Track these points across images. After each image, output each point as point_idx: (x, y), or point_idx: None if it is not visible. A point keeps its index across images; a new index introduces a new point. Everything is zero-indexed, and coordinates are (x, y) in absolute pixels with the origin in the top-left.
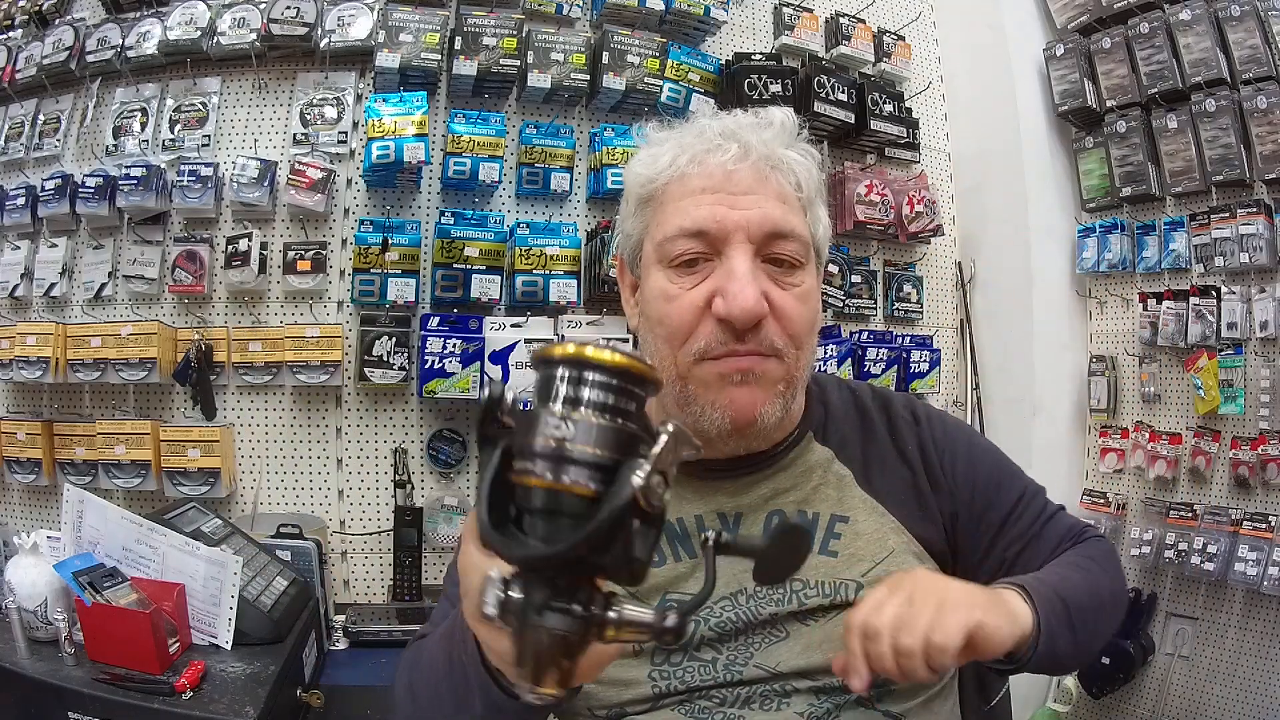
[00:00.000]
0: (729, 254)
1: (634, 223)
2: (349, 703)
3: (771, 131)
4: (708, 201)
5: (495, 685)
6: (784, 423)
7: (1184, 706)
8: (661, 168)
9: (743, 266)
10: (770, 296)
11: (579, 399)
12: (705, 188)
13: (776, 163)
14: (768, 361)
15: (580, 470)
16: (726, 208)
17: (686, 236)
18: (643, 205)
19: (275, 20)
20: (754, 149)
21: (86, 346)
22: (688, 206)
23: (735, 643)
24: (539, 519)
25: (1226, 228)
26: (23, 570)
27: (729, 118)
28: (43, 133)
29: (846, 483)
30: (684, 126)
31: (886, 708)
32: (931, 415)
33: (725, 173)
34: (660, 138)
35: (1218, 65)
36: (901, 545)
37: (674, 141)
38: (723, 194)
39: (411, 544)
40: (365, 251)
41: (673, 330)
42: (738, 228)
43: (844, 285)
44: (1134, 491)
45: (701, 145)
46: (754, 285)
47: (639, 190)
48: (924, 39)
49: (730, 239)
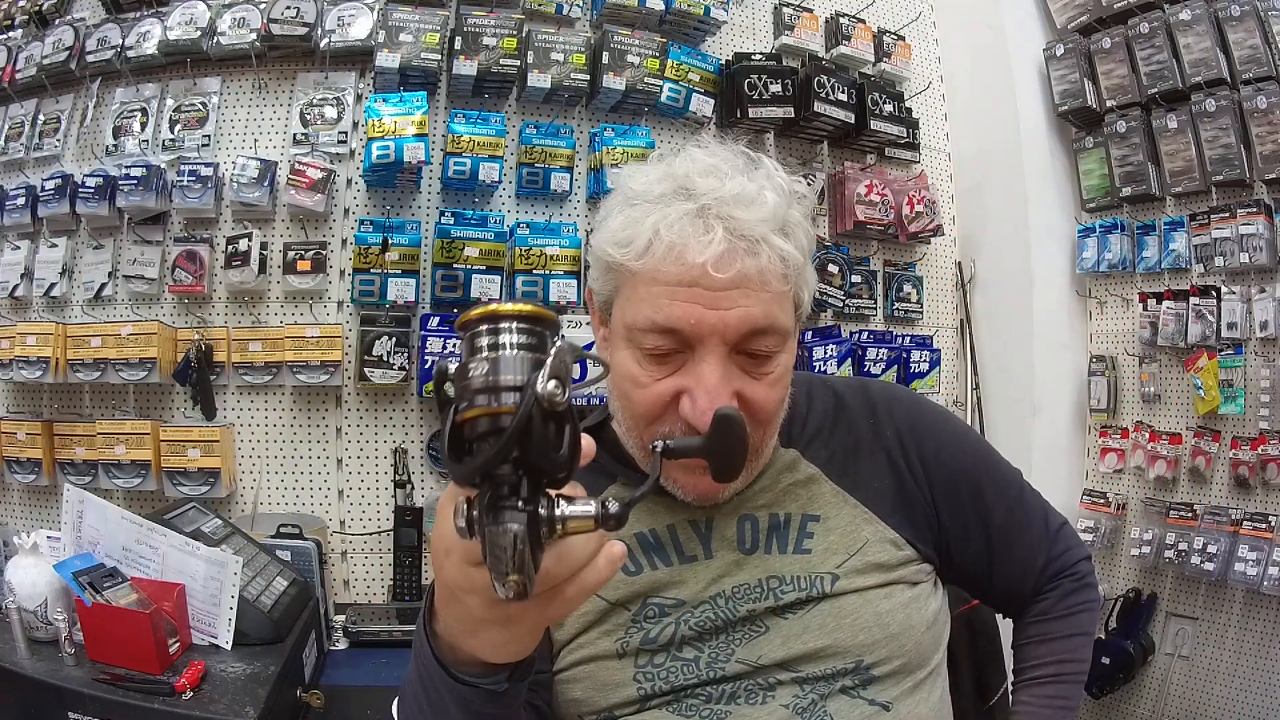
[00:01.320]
0: (702, 355)
1: (602, 283)
2: (349, 703)
3: (764, 212)
4: (682, 297)
5: (451, 678)
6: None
7: (1184, 706)
8: (636, 251)
9: (714, 376)
10: (742, 393)
11: (493, 344)
12: (682, 280)
13: (761, 251)
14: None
15: (502, 395)
16: (703, 307)
17: (659, 333)
18: (611, 272)
19: (275, 20)
20: (737, 238)
21: (86, 346)
22: (661, 300)
23: (716, 640)
24: (481, 443)
25: (1226, 228)
26: (23, 570)
27: (717, 166)
28: (43, 133)
29: (815, 480)
30: (669, 172)
31: (872, 696)
32: (908, 402)
33: (703, 269)
34: (638, 197)
35: (1218, 65)
36: (875, 535)
37: (653, 219)
38: (699, 289)
39: (411, 544)
40: (365, 251)
41: (638, 415)
42: (713, 331)
43: (844, 285)
44: (1134, 491)
45: (680, 233)
46: (724, 395)
47: (608, 260)
48: (924, 39)
49: (705, 340)
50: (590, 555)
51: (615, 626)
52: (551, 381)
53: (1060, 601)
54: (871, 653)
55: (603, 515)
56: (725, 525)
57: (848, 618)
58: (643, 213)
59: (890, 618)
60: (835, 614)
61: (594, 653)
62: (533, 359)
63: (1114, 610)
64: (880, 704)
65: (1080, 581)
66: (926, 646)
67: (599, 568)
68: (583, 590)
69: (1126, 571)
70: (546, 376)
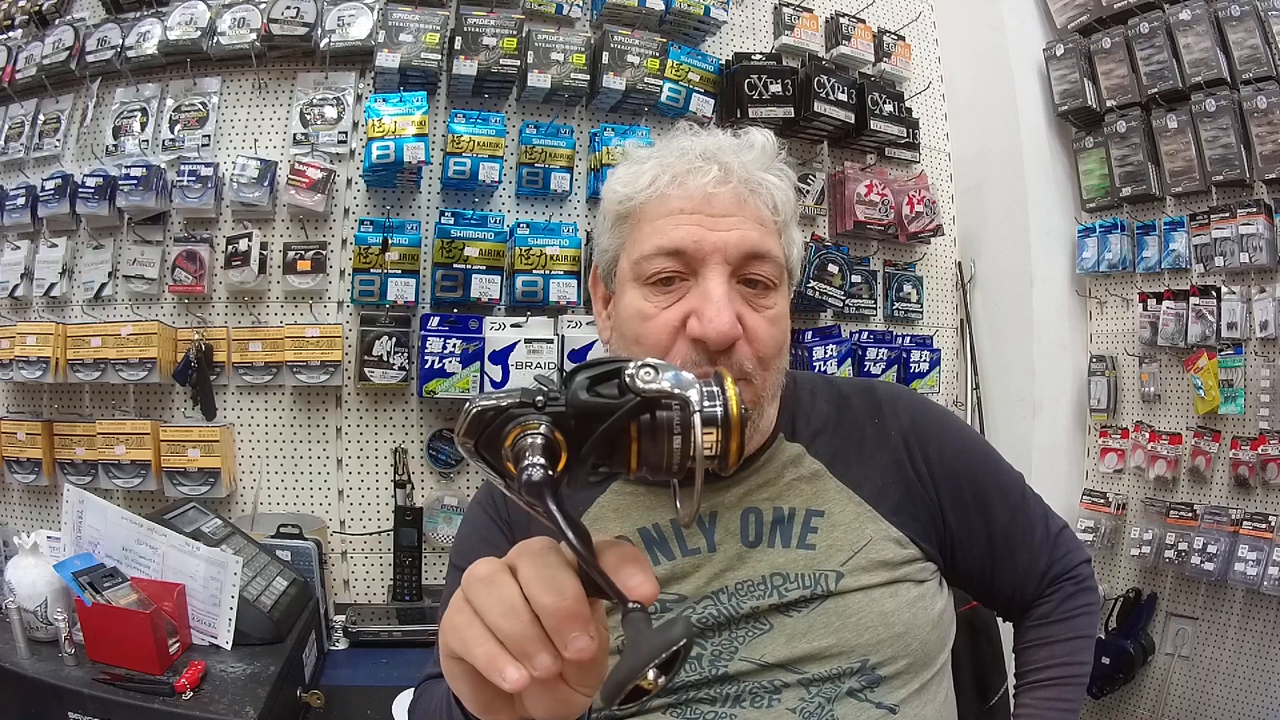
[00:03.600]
0: (705, 275)
1: (610, 238)
2: (349, 703)
3: (752, 154)
4: (686, 222)
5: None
6: (755, 437)
7: (1184, 706)
8: (641, 186)
9: (719, 289)
10: (744, 319)
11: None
12: (684, 208)
13: (755, 185)
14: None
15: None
16: (705, 229)
17: (664, 255)
18: (620, 221)
19: (275, 20)
20: (734, 171)
21: (86, 346)
22: (666, 226)
23: (719, 638)
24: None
25: (1226, 228)
26: (23, 570)
27: (709, 137)
28: (43, 133)
29: (819, 475)
30: (665, 144)
31: (879, 699)
32: (913, 402)
33: (705, 194)
34: (641, 155)
35: (1218, 65)
36: (879, 533)
37: (655, 161)
38: (701, 215)
39: (411, 544)
40: (365, 251)
41: (648, 349)
42: (715, 249)
43: (844, 285)
44: (1134, 491)
45: (683, 166)
46: (729, 308)
47: (617, 207)
48: (924, 39)
49: (707, 260)
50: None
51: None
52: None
53: (1061, 605)
54: (877, 652)
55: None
56: (729, 518)
57: (852, 616)
58: (645, 160)
59: (895, 616)
60: (840, 612)
61: None
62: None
63: (1114, 610)
64: (887, 706)
65: (1080, 585)
66: (932, 646)
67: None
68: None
69: (1126, 571)
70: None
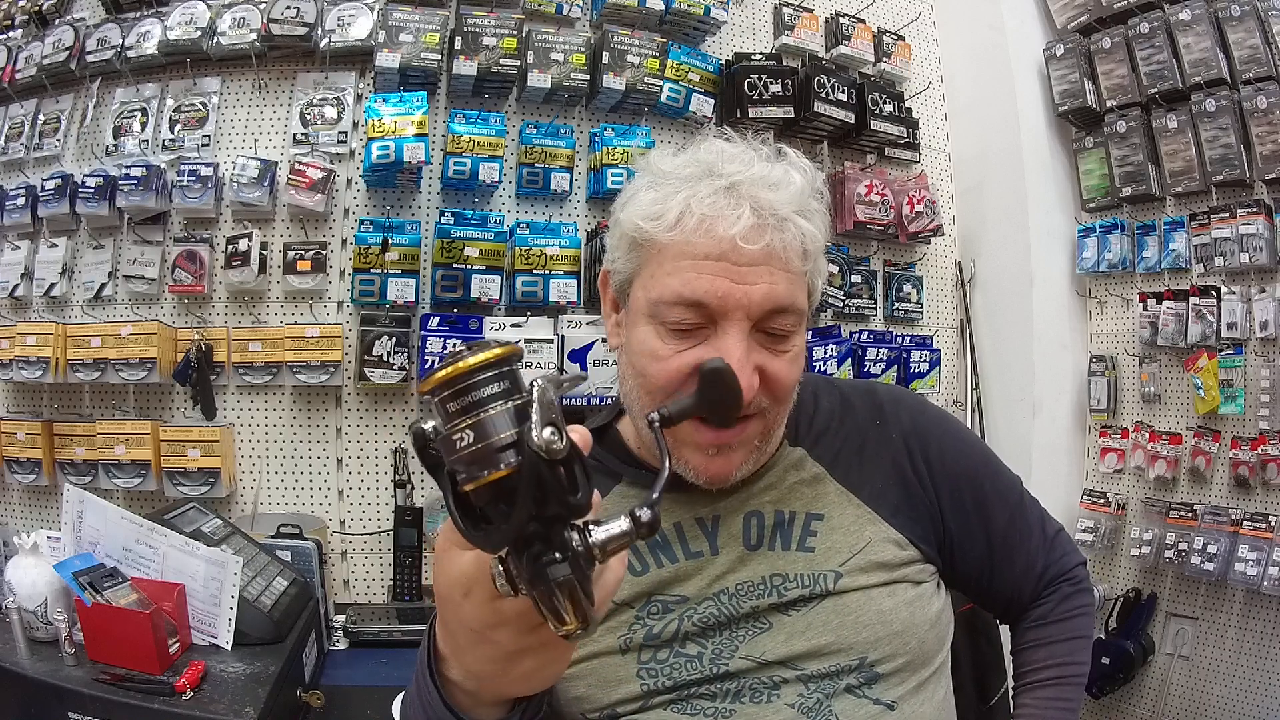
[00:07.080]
0: (725, 329)
1: (626, 260)
2: (349, 703)
3: (789, 193)
4: (709, 270)
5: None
6: (762, 457)
7: (1184, 706)
8: (666, 225)
9: (738, 349)
10: (764, 369)
11: (469, 405)
12: (709, 254)
13: (786, 229)
14: (749, 426)
15: (499, 458)
16: (729, 281)
17: (685, 306)
18: (637, 247)
19: (275, 20)
20: (765, 214)
21: (86, 346)
22: (688, 273)
23: (720, 636)
24: (493, 509)
25: (1226, 228)
26: (23, 570)
27: (744, 156)
28: (43, 133)
29: (820, 479)
30: (693, 157)
31: (877, 695)
32: (913, 405)
33: (733, 243)
34: (667, 176)
35: (1218, 65)
36: (878, 535)
37: (684, 194)
38: (727, 264)
39: (411, 544)
40: (365, 251)
41: (656, 388)
42: (739, 306)
43: (844, 285)
44: (1134, 491)
45: (711, 207)
46: (749, 368)
47: (635, 234)
48: (924, 39)
49: (730, 315)
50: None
51: (619, 623)
52: (546, 429)
53: (1058, 606)
54: (875, 650)
55: (636, 528)
56: (732, 521)
57: (850, 615)
58: (673, 189)
59: (893, 615)
60: (838, 611)
61: (596, 649)
62: (516, 408)
63: (1114, 610)
64: (885, 703)
65: (1077, 586)
66: (930, 645)
67: (613, 567)
68: (607, 593)
69: (1126, 571)
70: (539, 425)
